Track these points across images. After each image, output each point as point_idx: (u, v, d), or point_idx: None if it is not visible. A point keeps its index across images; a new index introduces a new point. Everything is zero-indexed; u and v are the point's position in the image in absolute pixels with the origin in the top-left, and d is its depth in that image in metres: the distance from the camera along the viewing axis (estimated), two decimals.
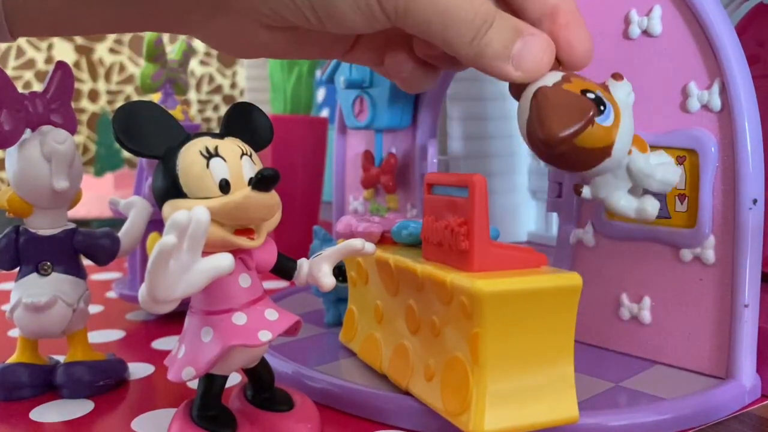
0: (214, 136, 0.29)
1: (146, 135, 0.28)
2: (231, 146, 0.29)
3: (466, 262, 0.29)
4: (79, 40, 1.50)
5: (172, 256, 0.24)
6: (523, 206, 0.63)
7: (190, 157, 0.28)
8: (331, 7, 0.30)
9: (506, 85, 0.33)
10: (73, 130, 0.38)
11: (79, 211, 1.12)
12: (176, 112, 0.54)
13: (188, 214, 0.24)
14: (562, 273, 0.29)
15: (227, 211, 0.27)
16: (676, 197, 0.38)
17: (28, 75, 1.51)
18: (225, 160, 0.28)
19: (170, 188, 0.28)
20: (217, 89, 1.67)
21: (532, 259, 0.30)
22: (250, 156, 0.29)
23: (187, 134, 0.29)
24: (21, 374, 0.37)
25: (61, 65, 0.38)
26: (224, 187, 0.28)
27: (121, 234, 0.40)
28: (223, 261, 0.26)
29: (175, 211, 0.25)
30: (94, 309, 0.57)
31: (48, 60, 1.51)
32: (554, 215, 0.60)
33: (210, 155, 0.28)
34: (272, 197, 0.28)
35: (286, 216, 0.36)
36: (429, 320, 0.32)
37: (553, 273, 0.29)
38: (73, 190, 0.38)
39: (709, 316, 0.36)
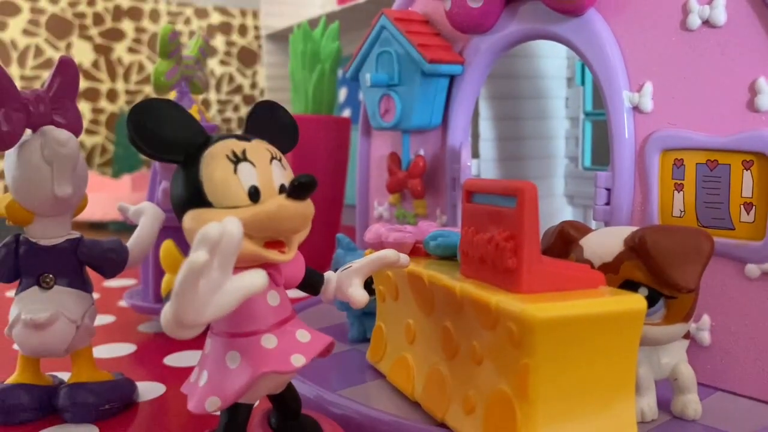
0: (239, 138, 0.26)
1: (164, 136, 0.25)
2: (260, 149, 0.25)
3: (514, 282, 0.26)
4: (98, 39, 1.49)
5: (202, 274, 0.21)
6: (559, 212, 0.59)
7: (215, 161, 0.24)
8: None
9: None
10: (77, 131, 0.35)
11: (95, 213, 1.10)
12: (192, 112, 0.51)
13: (220, 227, 0.21)
14: (623, 294, 0.26)
15: (258, 222, 0.24)
16: (741, 206, 0.34)
17: (47, 75, 1.50)
18: (254, 165, 0.25)
19: (192, 196, 0.24)
20: (237, 89, 1.65)
21: (588, 278, 0.27)
22: (280, 160, 0.26)
23: (209, 136, 0.25)
24: (21, 396, 0.34)
25: (64, 61, 0.35)
26: (254, 194, 0.24)
27: (129, 244, 0.37)
28: (258, 279, 0.22)
29: (199, 223, 0.22)
30: (105, 319, 0.54)
31: None
32: (593, 223, 0.56)
33: (238, 159, 0.25)
34: (307, 206, 0.25)
35: None
36: (469, 345, 0.28)
37: (614, 295, 0.26)
38: (77, 196, 0.35)
39: None
